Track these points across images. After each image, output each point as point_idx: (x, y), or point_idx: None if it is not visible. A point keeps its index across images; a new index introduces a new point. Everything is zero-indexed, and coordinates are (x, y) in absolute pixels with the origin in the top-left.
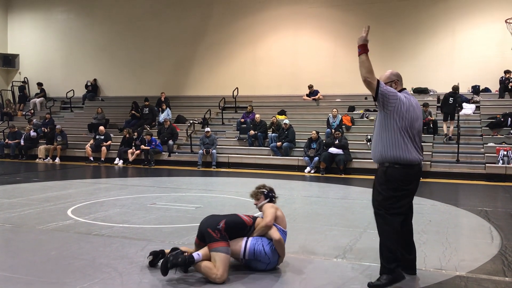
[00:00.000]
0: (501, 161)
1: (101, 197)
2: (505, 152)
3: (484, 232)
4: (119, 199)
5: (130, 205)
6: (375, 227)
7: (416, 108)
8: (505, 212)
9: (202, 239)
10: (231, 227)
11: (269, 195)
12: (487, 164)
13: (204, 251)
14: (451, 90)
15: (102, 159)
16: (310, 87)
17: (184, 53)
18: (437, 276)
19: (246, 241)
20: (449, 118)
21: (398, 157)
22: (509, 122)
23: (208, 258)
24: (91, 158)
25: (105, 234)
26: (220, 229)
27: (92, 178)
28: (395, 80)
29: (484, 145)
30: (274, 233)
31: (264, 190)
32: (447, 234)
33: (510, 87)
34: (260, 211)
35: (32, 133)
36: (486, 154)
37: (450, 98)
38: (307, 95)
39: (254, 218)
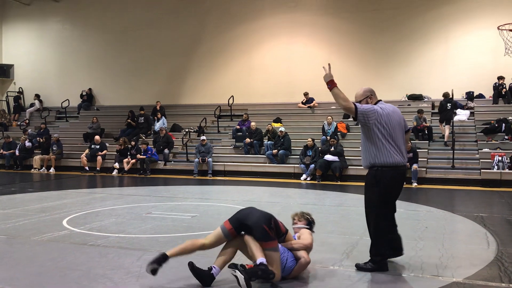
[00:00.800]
0: (496, 167)
1: (96, 207)
2: (500, 158)
3: (480, 238)
4: (114, 209)
5: (125, 214)
6: None
7: (394, 114)
8: (501, 217)
9: (242, 230)
10: (276, 227)
11: (311, 224)
12: (482, 170)
13: (228, 254)
14: (443, 97)
15: (98, 168)
16: (306, 94)
17: (179, 62)
18: (434, 283)
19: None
20: (445, 123)
21: (384, 162)
22: (503, 128)
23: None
24: (87, 168)
25: (101, 244)
26: (273, 228)
27: (88, 188)
28: (369, 96)
29: (479, 151)
30: (307, 256)
31: (309, 217)
32: (443, 240)
33: (503, 93)
34: (295, 232)
35: (27, 144)
36: (481, 160)
37: (448, 104)
38: (303, 103)
39: (287, 230)
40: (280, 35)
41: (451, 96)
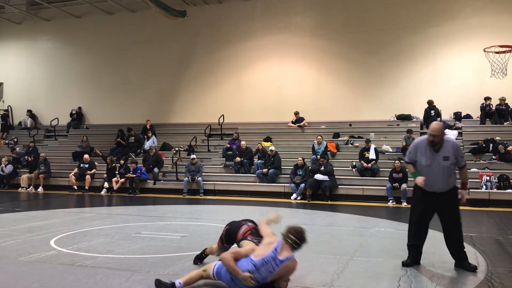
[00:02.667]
0: (484, 187)
1: (85, 226)
2: (488, 178)
3: (470, 258)
4: (103, 229)
5: (114, 234)
6: (362, 255)
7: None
8: (489, 237)
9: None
10: (228, 232)
11: (286, 237)
12: (470, 190)
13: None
14: (427, 105)
15: (86, 187)
16: (296, 113)
17: (170, 81)
18: None
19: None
20: None
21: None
22: (491, 148)
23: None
24: (75, 187)
25: (89, 265)
26: (223, 231)
27: (76, 207)
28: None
29: (467, 170)
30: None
31: (291, 238)
32: (433, 260)
33: (491, 113)
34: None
35: (6, 169)
36: (469, 180)
37: (431, 111)
38: (293, 122)
39: (244, 238)
40: (270, 55)
41: (434, 104)
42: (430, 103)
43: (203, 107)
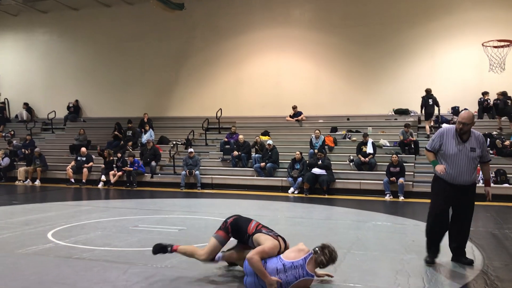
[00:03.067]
0: (481, 181)
1: (82, 219)
2: None
3: (467, 251)
4: (100, 222)
5: (111, 227)
6: (359, 248)
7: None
8: (486, 231)
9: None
10: (235, 225)
11: (319, 254)
12: None
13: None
14: (425, 93)
15: (84, 180)
16: (294, 108)
17: (168, 74)
18: None
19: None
20: (426, 118)
21: None
22: (488, 142)
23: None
24: (72, 180)
25: (86, 258)
26: (227, 222)
27: (73, 200)
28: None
29: None
30: (252, 254)
31: (323, 251)
32: None
33: (488, 108)
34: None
35: (5, 161)
36: None
37: (430, 100)
38: (291, 116)
39: (258, 231)
40: (269, 49)
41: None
42: (428, 91)
43: (201, 101)
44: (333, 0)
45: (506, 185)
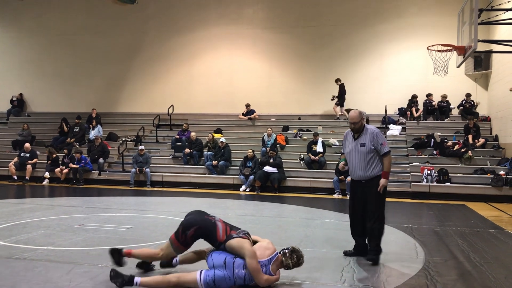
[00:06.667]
0: (425, 180)
1: (24, 218)
2: (429, 171)
3: (410, 248)
4: (44, 220)
5: (55, 226)
6: (307, 245)
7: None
8: (428, 228)
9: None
10: (198, 235)
11: (286, 257)
12: (412, 183)
13: None
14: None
15: (27, 177)
16: (247, 106)
17: (118, 69)
18: None
19: (200, 273)
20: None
21: None
22: (432, 143)
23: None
24: (15, 177)
25: (28, 258)
26: (187, 235)
27: (16, 198)
28: (362, 118)
29: (410, 164)
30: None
31: (291, 255)
32: None
33: (432, 109)
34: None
35: None
36: (411, 173)
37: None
38: (243, 114)
39: (229, 237)
40: (222, 46)
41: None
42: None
43: (152, 97)
44: (286, 0)
45: (448, 184)
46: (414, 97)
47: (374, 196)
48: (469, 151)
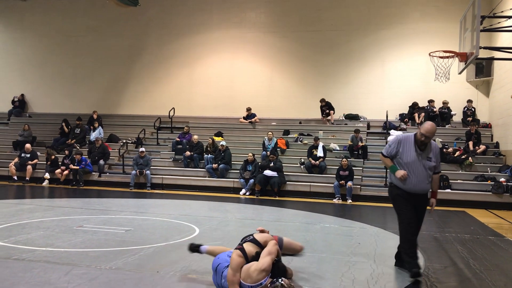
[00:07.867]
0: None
1: (23, 218)
2: None
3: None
4: (43, 221)
5: (55, 227)
6: (306, 250)
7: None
8: (428, 234)
9: None
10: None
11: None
12: None
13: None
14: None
15: (27, 178)
16: (248, 109)
17: (119, 71)
18: None
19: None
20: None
21: None
22: None
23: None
24: (15, 177)
25: (26, 259)
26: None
27: (15, 198)
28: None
29: None
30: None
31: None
32: (375, 256)
33: (434, 116)
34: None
35: None
36: None
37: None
38: (244, 118)
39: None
40: (223, 50)
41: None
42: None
43: (153, 99)
44: (288, 4)
45: (448, 190)
46: (415, 105)
47: (424, 211)
48: (470, 158)
